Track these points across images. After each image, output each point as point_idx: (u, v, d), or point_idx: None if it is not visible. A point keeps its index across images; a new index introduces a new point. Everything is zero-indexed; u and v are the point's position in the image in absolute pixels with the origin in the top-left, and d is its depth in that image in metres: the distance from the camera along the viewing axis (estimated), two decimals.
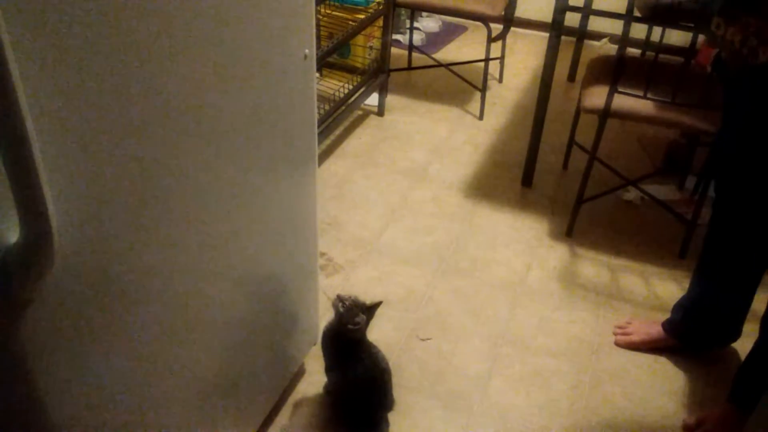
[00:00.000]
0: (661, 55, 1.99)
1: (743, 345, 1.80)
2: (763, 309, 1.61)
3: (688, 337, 1.86)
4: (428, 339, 1.90)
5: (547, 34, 2.34)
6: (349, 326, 1.49)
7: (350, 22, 2.75)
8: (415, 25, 3.68)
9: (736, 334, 1.80)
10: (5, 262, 0.72)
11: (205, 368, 1.22)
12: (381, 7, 2.80)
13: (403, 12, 3.66)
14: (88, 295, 0.86)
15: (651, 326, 1.90)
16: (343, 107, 2.66)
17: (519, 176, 2.59)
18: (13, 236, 0.71)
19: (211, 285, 1.16)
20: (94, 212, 0.83)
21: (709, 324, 1.81)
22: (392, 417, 1.64)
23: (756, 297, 1.72)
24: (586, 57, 2.92)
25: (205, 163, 1.04)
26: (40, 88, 0.70)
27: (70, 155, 0.76)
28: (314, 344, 1.71)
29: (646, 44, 2.11)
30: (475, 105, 3.11)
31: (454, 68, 3.30)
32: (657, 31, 1.98)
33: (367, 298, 1.54)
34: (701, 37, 2.86)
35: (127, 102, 0.83)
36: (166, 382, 1.10)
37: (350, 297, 1.51)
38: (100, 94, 0.79)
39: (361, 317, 1.49)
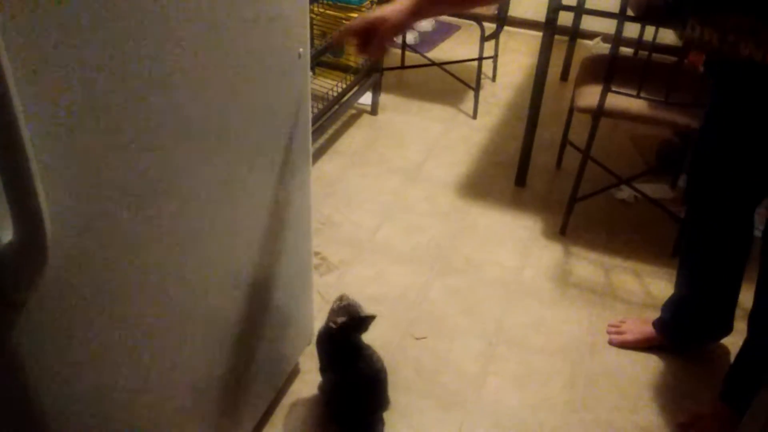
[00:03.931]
0: (654, 55, 1.99)
1: (736, 342, 1.80)
2: (750, 305, 1.62)
3: (679, 335, 1.87)
4: (423, 338, 1.90)
5: (540, 34, 2.34)
6: (330, 324, 1.49)
7: (343, 21, 2.75)
8: None
9: (727, 328, 1.81)
10: None
11: (199, 368, 1.22)
12: (374, 6, 2.80)
13: None
14: (82, 295, 0.85)
15: (644, 325, 1.91)
16: (337, 106, 2.65)
17: (512, 175, 2.60)
18: (7, 236, 0.71)
19: (205, 285, 1.16)
20: (88, 212, 0.82)
21: (698, 320, 1.82)
22: (387, 416, 1.64)
23: (744, 293, 1.73)
24: (579, 56, 2.92)
25: (197, 162, 1.04)
26: (34, 88, 0.69)
27: (63, 154, 0.76)
28: (309, 343, 1.71)
29: (638, 43, 2.12)
30: (468, 104, 3.11)
31: (448, 67, 3.30)
32: (650, 30, 1.98)
33: (362, 298, 1.54)
34: None
35: (120, 101, 0.83)
36: (160, 381, 1.10)
37: (351, 303, 1.51)
38: (94, 94, 0.78)
39: (341, 319, 1.49)
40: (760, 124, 1.43)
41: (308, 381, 1.73)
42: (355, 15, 2.76)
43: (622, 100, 2.06)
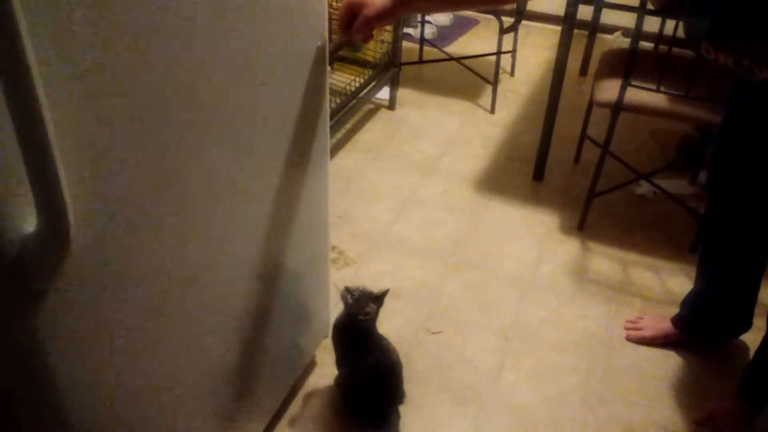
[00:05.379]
0: (674, 49, 1.97)
1: (755, 339, 1.79)
2: None
3: (697, 332, 1.86)
4: (439, 332, 1.90)
5: (559, 28, 2.33)
6: (360, 317, 1.49)
7: None
8: (427, 18, 3.67)
9: (746, 325, 1.80)
10: (22, 253, 0.73)
11: (216, 360, 1.23)
12: None
13: None
14: (103, 286, 0.87)
15: (662, 321, 1.90)
16: (354, 101, 2.66)
17: (530, 170, 2.59)
18: (30, 227, 0.72)
19: (223, 277, 1.17)
20: (110, 204, 0.84)
21: (717, 317, 1.81)
22: (403, 410, 1.64)
23: (763, 290, 1.72)
24: (598, 50, 2.89)
25: (217, 156, 1.05)
26: (57, 83, 0.70)
27: (86, 147, 0.77)
28: (325, 337, 1.72)
29: (659, 37, 2.10)
30: (486, 98, 3.10)
31: (466, 62, 3.29)
32: (670, 24, 1.97)
33: (376, 289, 1.55)
34: None
35: (142, 94, 0.84)
36: (177, 372, 1.11)
37: (358, 288, 1.51)
38: (116, 88, 0.79)
39: (371, 307, 1.49)
40: None
41: (324, 374, 1.74)
42: None
43: (641, 95, 2.04)
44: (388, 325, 1.71)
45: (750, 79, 1.29)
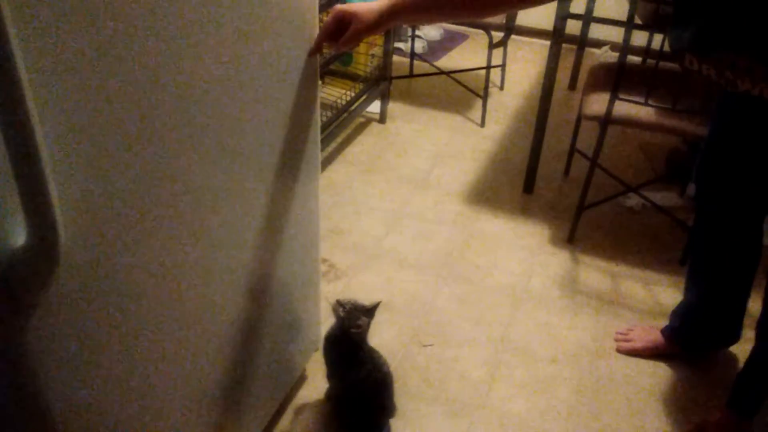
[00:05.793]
0: (661, 62, 2.00)
1: (744, 350, 1.80)
2: (758, 313, 1.61)
3: (687, 343, 1.87)
4: (430, 345, 1.90)
5: (548, 42, 2.35)
6: (352, 330, 1.49)
7: None
8: (417, 32, 3.69)
9: (735, 336, 1.81)
10: (11, 266, 0.72)
11: (206, 374, 1.22)
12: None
13: None
14: (92, 299, 0.86)
15: (652, 332, 1.91)
16: (345, 114, 2.67)
17: (520, 183, 2.60)
18: (20, 240, 0.72)
19: (213, 291, 1.17)
20: (99, 217, 0.84)
21: (706, 328, 1.82)
22: (394, 423, 1.64)
23: (752, 301, 1.73)
24: (587, 65, 2.93)
25: (208, 169, 1.05)
26: (47, 93, 0.70)
27: (75, 159, 0.77)
28: (316, 350, 1.71)
29: (646, 51, 2.13)
30: (476, 112, 3.12)
31: (456, 76, 3.31)
32: (657, 38, 1.99)
33: (367, 302, 1.55)
34: None
35: (131, 106, 0.84)
36: (167, 386, 1.11)
37: (349, 301, 1.51)
38: (106, 100, 0.79)
39: (363, 320, 1.49)
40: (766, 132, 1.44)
41: (315, 388, 1.73)
42: None
43: (629, 108, 2.06)
44: (379, 337, 1.71)
45: (733, 90, 1.30)
